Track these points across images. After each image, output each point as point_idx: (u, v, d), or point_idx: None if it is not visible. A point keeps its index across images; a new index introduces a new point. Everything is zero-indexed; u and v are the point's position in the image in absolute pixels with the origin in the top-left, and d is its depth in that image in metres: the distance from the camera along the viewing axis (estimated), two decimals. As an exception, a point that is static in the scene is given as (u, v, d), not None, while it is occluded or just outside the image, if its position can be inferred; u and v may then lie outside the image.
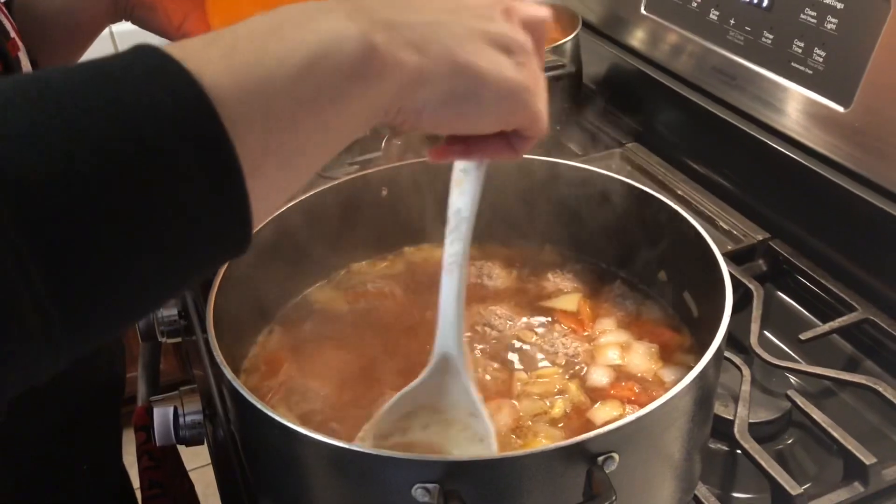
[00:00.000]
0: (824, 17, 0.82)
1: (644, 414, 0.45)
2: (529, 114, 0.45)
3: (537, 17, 0.48)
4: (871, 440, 0.66)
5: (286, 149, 0.36)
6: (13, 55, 0.69)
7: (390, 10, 0.40)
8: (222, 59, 0.34)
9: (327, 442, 0.45)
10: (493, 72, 0.42)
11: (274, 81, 0.35)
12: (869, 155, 0.79)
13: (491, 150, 0.48)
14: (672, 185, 0.99)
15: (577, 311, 0.70)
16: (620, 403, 0.61)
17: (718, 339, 0.50)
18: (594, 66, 1.18)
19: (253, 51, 0.35)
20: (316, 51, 0.36)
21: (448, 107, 0.42)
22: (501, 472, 0.43)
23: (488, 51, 0.42)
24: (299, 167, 0.38)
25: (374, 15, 0.39)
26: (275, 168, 0.36)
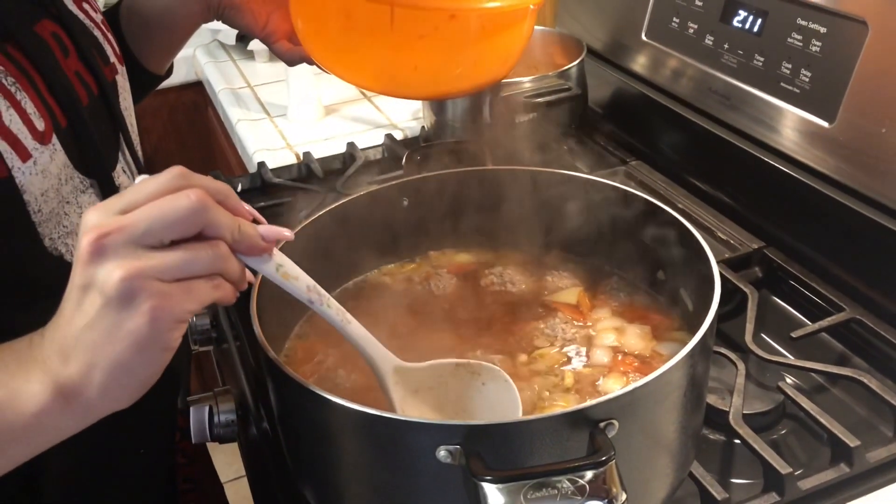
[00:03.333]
0: (809, 41, 0.89)
1: (640, 385, 0.51)
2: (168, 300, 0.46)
3: (130, 224, 0.45)
4: (859, 430, 0.70)
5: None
6: (110, 79, 0.75)
7: (61, 358, 0.46)
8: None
9: (359, 409, 0.51)
10: (143, 353, 0.45)
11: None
12: (853, 167, 0.85)
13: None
14: (673, 200, 1.04)
15: (577, 303, 0.76)
16: (622, 375, 0.67)
17: (710, 316, 0.56)
18: (599, 89, 1.25)
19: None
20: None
21: (125, 388, 0.47)
22: (516, 435, 0.49)
23: (123, 336, 0.45)
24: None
25: (50, 365, 0.46)
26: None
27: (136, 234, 0.44)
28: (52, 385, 0.46)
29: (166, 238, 0.45)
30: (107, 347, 0.45)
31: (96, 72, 0.72)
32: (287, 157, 1.31)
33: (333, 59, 0.77)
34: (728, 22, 1.00)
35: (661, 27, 1.13)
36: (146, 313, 0.44)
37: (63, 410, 0.47)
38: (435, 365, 0.61)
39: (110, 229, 0.44)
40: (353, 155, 1.23)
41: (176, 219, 0.45)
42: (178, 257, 0.45)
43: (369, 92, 1.53)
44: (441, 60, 0.73)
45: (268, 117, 1.47)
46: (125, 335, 0.44)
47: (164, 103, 1.88)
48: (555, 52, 1.26)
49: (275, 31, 0.89)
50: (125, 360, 0.45)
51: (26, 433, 0.47)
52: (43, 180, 0.62)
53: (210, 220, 0.46)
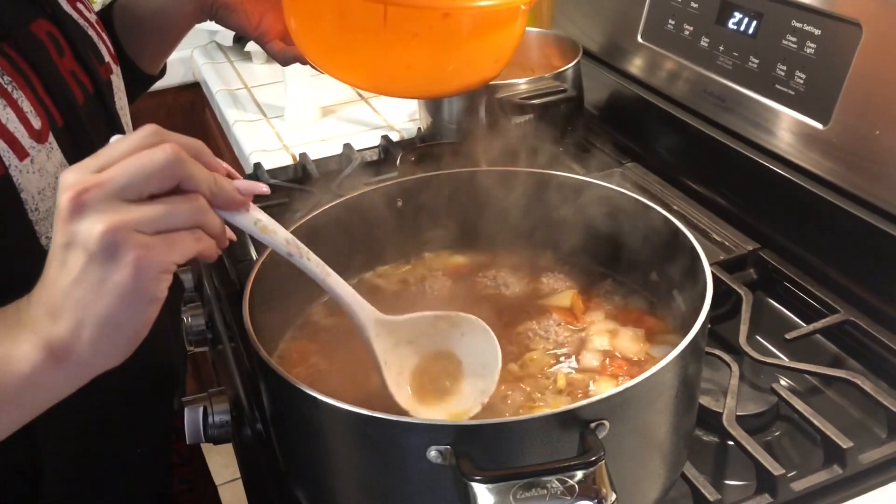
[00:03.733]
0: (804, 43, 0.89)
1: (631, 386, 0.51)
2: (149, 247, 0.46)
3: (109, 180, 0.45)
4: (852, 431, 0.70)
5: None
6: (105, 79, 0.75)
7: (49, 318, 0.47)
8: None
9: (349, 409, 0.51)
10: (130, 305, 0.46)
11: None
12: (847, 169, 0.85)
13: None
14: (669, 201, 1.04)
15: (571, 306, 0.76)
16: (613, 378, 0.67)
17: (702, 317, 0.56)
18: (595, 91, 1.25)
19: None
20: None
21: (116, 343, 0.48)
22: (506, 435, 0.49)
23: (109, 290, 0.45)
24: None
25: (39, 326, 0.47)
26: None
27: (115, 189, 0.45)
28: (42, 345, 0.46)
29: (144, 191, 0.45)
30: (94, 302, 0.45)
31: (91, 71, 0.72)
32: (283, 158, 1.31)
33: (327, 59, 0.77)
34: (723, 24, 1.00)
35: (657, 29, 1.13)
36: (130, 264, 0.44)
37: (55, 369, 0.47)
38: (415, 318, 0.62)
39: (89, 185, 0.45)
40: (349, 156, 1.23)
41: (153, 171, 0.45)
42: (158, 209, 0.46)
43: (365, 93, 1.53)
44: (434, 59, 0.74)
45: (264, 118, 1.47)
46: (111, 288, 0.45)
47: (162, 104, 1.88)
48: (551, 53, 1.26)
49: (268, 31, 0.90)
50: (113, 314, 0.45)
51: (20, 395, 0.48)
52: (40, 179, 0.63)
53: (186, 172, 0.47)
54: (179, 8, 0.90)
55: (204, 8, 0.89)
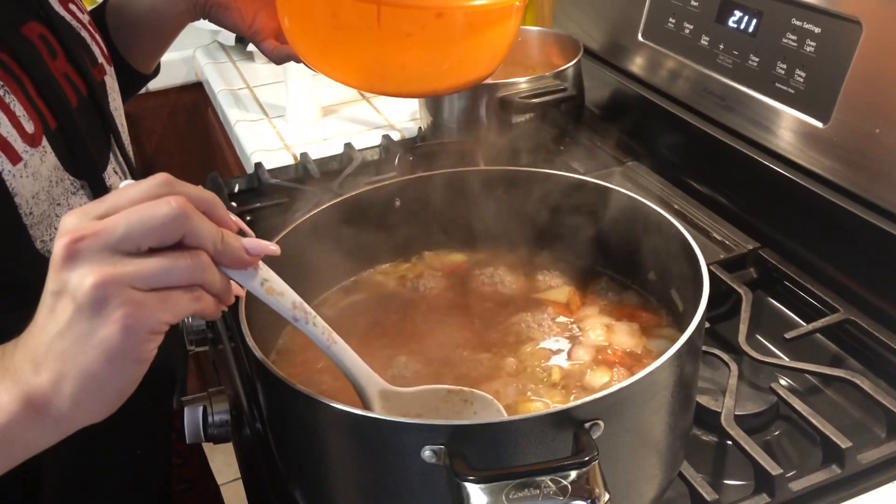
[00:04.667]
0: (804, 41, 0.89)
1: (625, 385, 0.51)
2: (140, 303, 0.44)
3: (96, 231, 0.43)
4: (852, 431, 0.70)
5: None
6: (98, 80, 0.75)
7: (31, 367, 0.45)
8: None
9: (344, 409, 0.51)
10: (115, 363, 0.44)
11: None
12: (847, 167, 0.85)
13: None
14: (669, 200, 1.04)
15: (567, 301, 0.77)
16: (609, 369, 0.67)
17: (698, 316, 0.56)
18: (595, 90, 1.25)
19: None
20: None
21: (97, 401, 0.46)
22: (500, 435, 0.49)
23: (94, 345, 0.43)
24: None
25: (21, 375, 0.45)
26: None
27: (112, 240, 0.43)
28: (21, 395, 0.44)
29: (143, 244, 0.43)
30: (77, 356, 0.43)
31: (85, 73, 0.72)
32: (285, 157, 1.31)
33: (321, 58, 0.77)
34: (723, 22, 1.00)
35: (657, 28, 1.13)
36: (118, 321, 0.42)
37: (33, 422, 0.45)
38: (424, 391, 0.59)
39: (85, 233, 0.43)
40: (350, 155, 1.23)
41: (154, 225, 0.43)
42: (155, 265, 0.44)
43: (366, 92, 1.53)
44: (428, 58, 0.73)
45: (266, 118, 1.47)
46: (96, 344, 0.43)
47: (165, 104, 1.89)
48: (552, 52, 1.26)
49: (262, 30, 0.90)
50: (96, 371, 0.43)
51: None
52: (34, 183, 0.63)
53: (190, 228, 0.44)
54: (173, 7, 0.90)
55: (197, 7, 0.89)
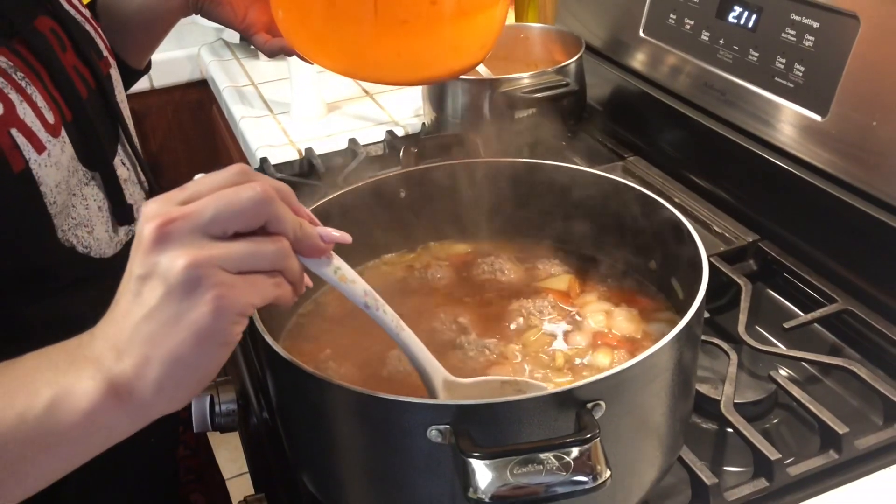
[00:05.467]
0: (803, 36, 0.90)
1: (626, 367, 0.52)
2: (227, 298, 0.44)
3: (192, 215, 0.44)
4: (849, 418, 0.71)
5: (20, 476, 0.44)
6: (105, 73, 0.76)
7: (114, 353, 0.44)
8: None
9: (352, 389, 0.52)
10: (203, 346, 0.43)
11: (10, 430, 0.43)
12: (845, 160, 0.86)
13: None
14: (670, 194, 1.06)
15: (567, 289, 0.78)
16: (609, 351, 0.69)
17: (697, 301, 0.57)
18: (597, 85, 1.26)
19: (4, 401, 0.44)
20: (47, 406, 0.44)
21: (181, 385, 0.45)
22: (504, 414, 0.50)
23: (184, 327, 0.43)
24: (36, 485, 0.46)
25: (103, 362, 0.44)
26: (8, 489, 0.44)
27: (202, 222, 0.43)
28: (104, 382, 0.44)
29: (231, 228, 0.44)
30: (165, 339, 0.43)
31: (92, 66, 0.73)
32: (290, 153, 1.33)
33: (316, 48, 0.79)
34: (724, 18, 1.01)
35: (658, 24, 1.14)
36: (210, 302, 0.42)
37: (116, 409, 0.44)
38: (481, 381, 0.60)
39: (175, 216, 0.43)
40: (354, 151, 1.24)
41: (242, 208, 0.44)
42: (243, 248, 0.44)
43: (371, 88, 1.54)
44: (422, 45, 0.75)
45: (271, 114, 1.48)
46: (186, 325, 0.42)
47: (170, 101, 1.90)
48: (554, 48, 1.28)
49: (254, 23, 0.90)
50: (183, 354, 0.43)
51: (77, 434, 0.45)
52: (56, 172, 0.63)
53: (274, 213, 0.45)
54: (165, 3, 0.90)
55: (190, 2, 0.90)
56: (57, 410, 0.44)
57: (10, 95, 0.60)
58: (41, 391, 0.44)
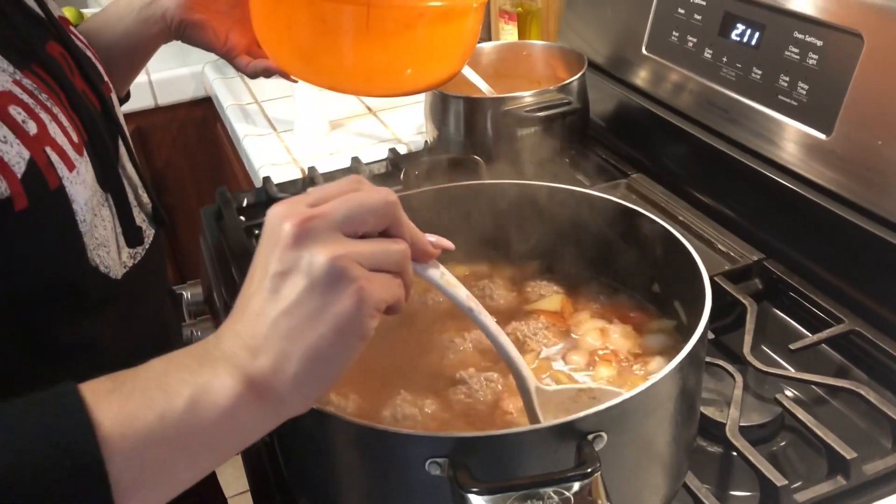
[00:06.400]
0: (806, 54, 0.89)
1: (628, 397, 0.51)
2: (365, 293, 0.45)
3: (332, 213, 0.46)
4: (857, 442, 0.70)
5: (162, 478, 0.43)
6: (108, 95, 0.77)
7: (248, 351, 0.45)
8: (117, 411, 0.42)
9: (350, 421, 0.51)
10: (343, 338, 0.44)
11: (153, 432, 0.42)
12: (850, 179, 0.86)
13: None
14: (674, 212, 1.05)
15: (560, 309, 0.77)
16: (609, 364, 0.69)
17: (702, 325, 0.56)
18: (600, 103, 1.26)
19: (141, 404, 0.43)
20: (188, 406, 0.43)
21: (317, 380, 0.46)
22: (503, 447, 0.49)
23: (326, 320, 0.44)
24: (177, 487, 0.45)
25: (237, 360, 0.44)
26: (149, 495, 0.43)
27: (337, 220, 0.45)
28: (242, 378, 0.44)
29: (361, 228, 0.46)
30: (306, 333, 0.44)
31: (97, 89, 0.73)
32: (293, 171, 1.33)
33: (305, 65, 0.80)
34: (726, 35, 1.01)
35: (660, 41, 1.13)
36: (352, 295, 0.44)
37: (254, 405, 0.44)
38: (560, 390, 0.61)
39: (313, 214, 0.45)
40: (357, 169, 1.24)
41: (372, 209, 0.46)
42: (375, 246, 0.46)
43: (374, 106, 1.54)
44: (412, 57, 0.77)
45: (274, 132, 1.48)
46: (328, 318, 0.44)
47: (174, 119, 1.91)
48: (557, 65, 1.27)
49: (235, 47, 0.91)
50: (323, 348, 0.44)
51: (216, 434, 0.44)
52: (84, 190, 0.64)
53: (397, 217, 0.48)
54: (146, 30, 0.90)
55: (171, 28, 0.90)
56: (197, 408, 0.43)
57: (40, 115, 0.61)
58: (179, 390, 0.43)
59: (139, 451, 0.42)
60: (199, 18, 0.89)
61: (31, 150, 0.58)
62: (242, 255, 1.06)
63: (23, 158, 0.57)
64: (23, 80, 0.61)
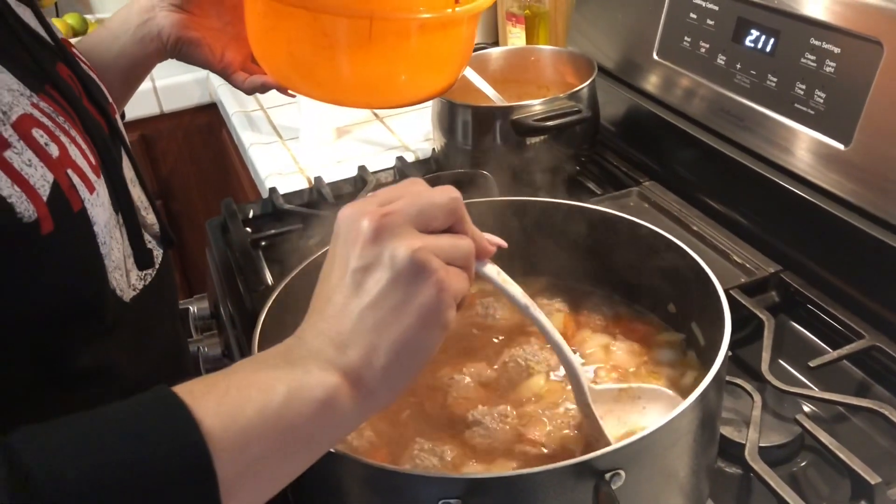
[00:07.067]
0: (823, 61, 0.87)
1: (647, 434, 0.49)
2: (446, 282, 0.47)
3: (407, 212, 0.47)
4: (881, 463, 0.68)
5: (263, 476, 0.44)
6: (113, 117, 0.76)
7: (335, 347, 0.46)
8: (216, 408, 0.42)
9: (361, 461, 0.50)
10: (428, 328, 0.46)
11: (253, 428, 0.43)
12: (870, 190, 0.83)
13: None
14: (687, 221, 1.03)
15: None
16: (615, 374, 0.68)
17: (719, 361, 0.55)
18: (611, 109, 1.23)
19: (237, 402, 0.43)
20: (284, 402, 0.44)
21: (404, 372, 0.47)
22: (518, 488, 0.48)
23: (411, 310, 0.45)
24: (276, 485, 0.45)
25: (326, 356, 0.45)
26: (251, 492, 0.43)
27: (411, 216, 0.47)
28: (335, 371, 0.45)
29: (432, 224, 0.48)
30: (393, 325, 0.45)
31: (104, 111, 0.72)
32: (299, 181, 1.31)
33: (305, 79, 0.80)
34: (740, 42, 0.99)
35: (672, 46, 1.11)
36: (435, 285, 0.45)
37: (348, 398, 0.45)
38: (604, 390, 0.63)
39: (388, 210, 0.46)
40: (364, 178, 1.23)
41: (441, 206, 0.48)
42: (449, 241, 0.48)
43: (381, 113, 1.52)
44: (413, 67, 0.77)
45: (280, 140, 1.47)
46: (413, 309, 0.45)
47: (179, 125, 1.90)
48: (566, 71, 1.25)
49: (231, 63, 0.90)
50: (410, 338, 0.45)
51: (312, 428, 0.45)
52: (103, 212, 0.63)
53: (463, 214, 0.50)
54: (142, 49, 0.90)
55: (168, 46, 0.89)
56: (294, 403, 0.44)
57: (60, 138, 0.60)
58: (275, 387, 0.44)
59: (241, 447, 0.42)
60: (195, 36, 0.89)
61: (54, 173, 0.57)
62: (249, 268, 1.05)
63: (47, 182, 0.56)
64: (40, 103, 0.60)
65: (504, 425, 0.63)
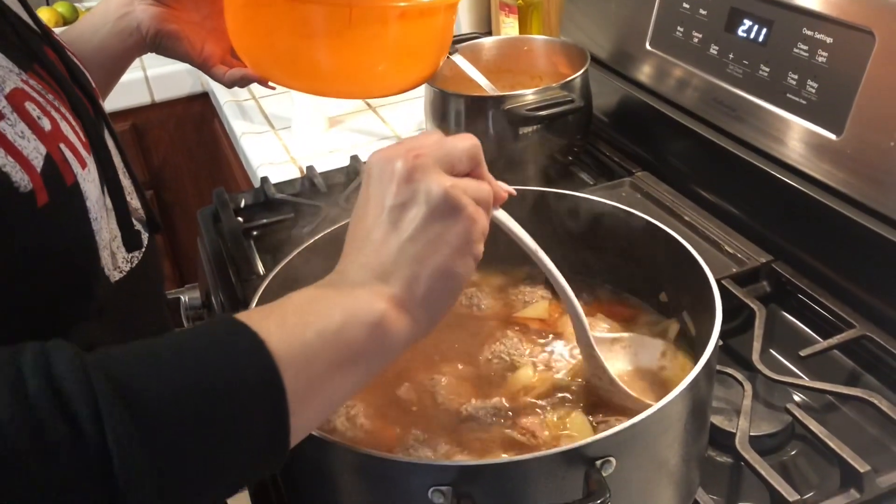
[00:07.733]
0: (816, 51, 0.87)
1: (637, 421, 0.50)
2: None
3: (446, 153, 0.51)
4: (870, 452, 0.69)
5: (322, 394, 0.46)
6: (98, 100, 0.76)
7: (377, 278, 0.49)
8: (277, 330, 0.45)
9: (353, 450, 0.50)
10: (462, 258, 0.49)
11: (313, 347, 0.46)
12: (861, 180, 0.83)
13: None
14: (680, 212, 1.03)
15: (547, 315, 0.76)
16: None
17: (709, 350, 0.55)
18: (604, 99, 1.23)
19: (297, 324, 0.46)
20: (340, 325, 0.47)
21: (442, 299, 0.50)
22: (509, 475, 0.48)
23: (447, 242, 0.49)
24: (331, 405, 0.48)
25: (371, 286, 0.48)
26: (312, 410, 0.46)
27: (440, 156, 0.50)
28: (381, 297, 0.48)
29: (458, 166, 0.51)
30: (432, 255, 0.48)
31: (89, 94, 0.72)
32: (291, 170, 1.31)
33: (286, 70, 0.80)
34: (733, 31, 0.99)
35: (665, 36, 1.11)
36: (467, 219, 0.49)
37: (396, 323, 0.48)
38: (602, 338, 0.67)
39: (419, 152, 0.49)
40: (356, 168, 1.22)
41: (464, 150, 0.51)
42: (470, 183, 0.51)
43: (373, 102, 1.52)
44: (392, 56, 0.78)
45: (272, 130, 1.46)
46: (450, 240, 0.48)
47: (171, 115, 1.89)
48: (559, 61, 1.25)
49: (211, 56, 0.90)
50: (448, 266, 0.48)
51: (365, 351, 0.48)
52: (94, 189, 0.63)
53: (482, 160, 0.53)
54: (121, 43, 0.89)
55: (147, 39, 0.89)
56: (349, 327, 0.47)
57: (51, 113, 0.60)
58: (331, 313, 0.47)
59: (304, 366, 0.45)
60: (174, 29, 0.88)
61: (47, 147, 0.57)
62: (241, 258, 1.05)
63: (40, 154, 0.56)
64: (29, 80, 0.60)
65: (498, 419, 0.63)
